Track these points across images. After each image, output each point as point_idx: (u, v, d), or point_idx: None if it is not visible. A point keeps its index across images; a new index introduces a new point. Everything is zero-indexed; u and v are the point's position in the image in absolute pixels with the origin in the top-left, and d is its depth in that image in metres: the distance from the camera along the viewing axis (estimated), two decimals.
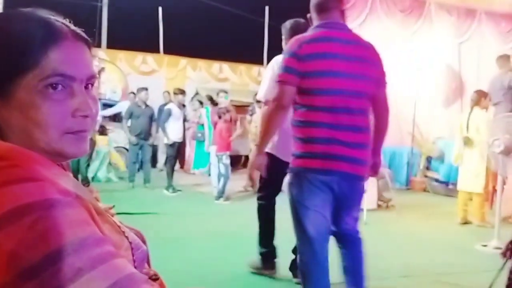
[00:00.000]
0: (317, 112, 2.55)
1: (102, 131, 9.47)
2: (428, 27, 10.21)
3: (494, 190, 6.81)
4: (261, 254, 4.00)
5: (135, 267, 0.82)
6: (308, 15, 2.85)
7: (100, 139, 9.22)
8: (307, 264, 2.73)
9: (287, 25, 3.73)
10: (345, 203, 2.68)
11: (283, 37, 3.75)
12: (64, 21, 0.86)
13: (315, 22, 2.71)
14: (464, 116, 6.77)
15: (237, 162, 11.55)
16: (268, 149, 3.12)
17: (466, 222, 6.49)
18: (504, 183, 5.59)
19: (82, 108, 0.84)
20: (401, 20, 10.11)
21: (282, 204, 3.32)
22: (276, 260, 4.02)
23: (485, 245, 5.17)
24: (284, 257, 3.91)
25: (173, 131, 8.52)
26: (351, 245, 2.85)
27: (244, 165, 11.49)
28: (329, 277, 2.73)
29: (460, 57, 10.47)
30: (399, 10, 10.18)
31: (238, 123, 9.13)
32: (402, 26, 10.12)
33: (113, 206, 1.17)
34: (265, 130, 2.76)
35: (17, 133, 0.81)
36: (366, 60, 2.65)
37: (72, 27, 0.86)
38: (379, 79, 2.72)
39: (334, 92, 2.54)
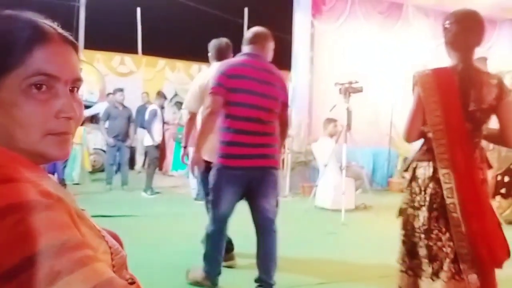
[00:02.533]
0: (238, 121, 3.26)
1: None
2: (406, 29, 10.34)
3: None
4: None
5: (114, 272, 0.82)
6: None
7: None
8: (213, 233, 3.46)
9: (212, 43, 4.42)
10: (259, 190, 3.35)
11: (209, 53, 4.42)
12: (52, 24, 0.86)
13: (244, 50, 3.47)
14: None
15: None
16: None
17: None
18: None
19: (65, 109, 0.83)
20: (379, 22, 10.22)
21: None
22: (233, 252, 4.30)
23: None
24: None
25: (157, 132, 8.48)
26: (265, 234, 3.42)
27: None
28: (224, 243, 3.55)
29: (438, 58, 10.61)
30: (378, 12, 10.30)
31: None
32: (381, 28, 10.22)
33: (83, 209, 1.15)
34: (201, 132, 3.41)
35: None
36: (275, 85, 3.40)
37: (60, 30, 0.86)
38: (284, 102, 3.49)
39: (249, 106, 3.26)
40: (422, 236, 2.50)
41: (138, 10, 14.95)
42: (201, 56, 13.95)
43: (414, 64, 10.10)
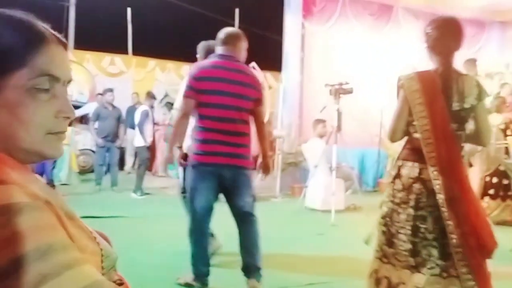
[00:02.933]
0: (209, 120, 3.42)
1: None
2: (396, 31, 10.39)
3: None
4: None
5: (103, 274, 0.82)
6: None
7: None
8: (194, 230, 3.58)
9: (200, 45, 4.54)
10: (233, 188, 3.50)
11: (197, 55, 4.50)
12: (44, 25, 0.87)
13: (217, 51, 3.59)
14: None
15: None
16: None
17: None
18: None
19: (64, 109, 0.86)
20: (370, 24, 10.26)
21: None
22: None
23: None
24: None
25: (148, 133, 8.45)
26: (245, 224, 3.57)
27: None
28: (208, 241, 3.68)
29: (427, 60, 10.67)
30: (368, 14, 10.34)
31: None
32: (371, 30, 10.26)
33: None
34: (174, 132, 3.65)
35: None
36: (246, 84, 3.50)
37: (52, 31, 0.88)
38: (257, 100, 3.56)
39: (219, 106, 3.41)
40: (404, 231, 2.62)
41: (129, 10, 14.89)
42: (191, 57, 13.90)
43: (404, 65, 10.17)
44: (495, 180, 6.73)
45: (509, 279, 4.35)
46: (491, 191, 6.81)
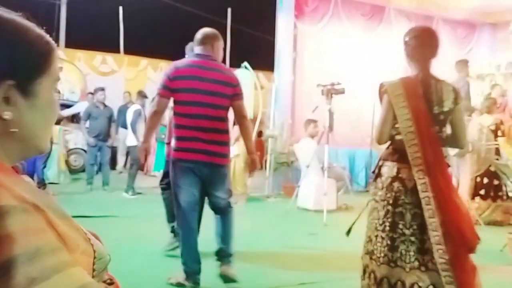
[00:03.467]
0: (185, 118, 3.53)
1: None
2: (388, 32, 10.43)
3: None
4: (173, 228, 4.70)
5: (94, 276, 0.82)
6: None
7: None
8: (181, 227, 3.68)
9: (188, 46, 4.71)
10: (210, 184, 3.63)
11: (186, 56, 4.59)
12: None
13: (195, 51, 3.74)
14: None
15: None
16: None
17: None
18: (458, 185, 5.76)
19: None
20: (362, 24, 10.29)
21: None
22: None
23: None
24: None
25: (141, 132, 8.41)
26: (221, 214, 3.73)
27: None
28: (197, 236, 3.71)
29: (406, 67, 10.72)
30: (360, 14, 10.37)
31: None
32: (363, 30, 10.29)
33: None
34: (147, 127, 3.94)
35: (17, 134, 0.83)
36: (221, 82, 3.61)
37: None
38: (234, 95, 3.64)
39: (195, 103, 3.51)
40: (383, 227, 2.79)
41: (121, 9, 14.83)
42: (183, 56, 13.92)
43: (396, 66, 10.21)
44: (485, 180, 6.78)
45: (500, 278, 4.38)
46: (482, 192, 6.85)
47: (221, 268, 3.72)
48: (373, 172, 2.96)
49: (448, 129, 2.85)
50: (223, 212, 3.73)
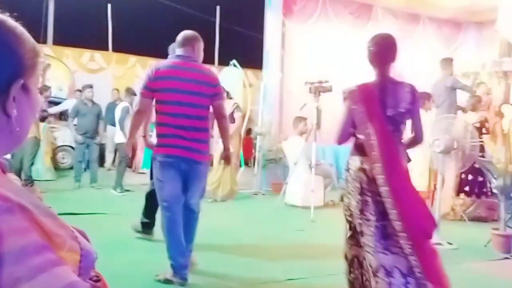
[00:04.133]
0: (167, 116, 3.72)
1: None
2: (376, 30, 10.47)
3: (435, 188, 7.08)
4: (143, 223, 5.09)
5: (80, 274, 0.81)
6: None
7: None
8: (165, 220, 3.77)
9: (170, 47, 4.77)
10: (188, 180, 3.78)
11: (169, 56, 4.67)
12: None
13: (176, 52, 3.90)
14: None
15: None
16: None
17: None
18: (443, 181, 5.84)
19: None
20: (350, 23, 10.35)
21: None
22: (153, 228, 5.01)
23: None
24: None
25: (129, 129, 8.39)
26: (188, 218, 3.84)
27: None
28: (181, 229, 3.76)
29: (405, 58, 10.79)
30: (348, 13, 10.43)
31: None
32: (351, 28, 10.35)
33: (49, 207, 1.14)
34: (131, 125, 4.05)
35: (9, 129, 0.85)
36: (202, 82, 3.78)
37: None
38: (214, 95, 3.81)
39: (175, 103, 3.68)
40: (355, 214, 3.08)
41: (109, 6, 14.75)
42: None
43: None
44: (470, 177, 6.87)
45: (484, 273, 4.46)
46: (467, 188, 6.95)
47: None
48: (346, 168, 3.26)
49: (406, 128, 3.18)
50: (190, 217, 3.88)
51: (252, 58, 12.22)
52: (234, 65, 9.92)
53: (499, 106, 8.86)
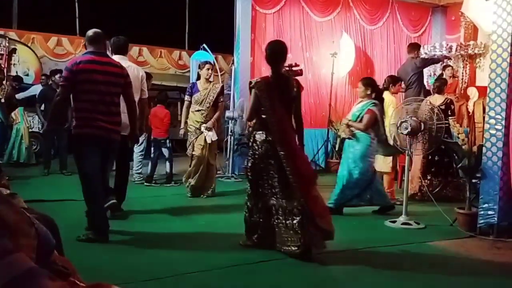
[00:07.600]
0: (86, 103, 4.44)
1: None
2: (345, 14, 10.55)
3: (402, 170, 7.22)
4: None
5: (38, 260, 0.81)
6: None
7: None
8: (87, 192, 4.50)
9: (111, 41, 5.54)
10: (104, 156, 4.53)
11: (109, 49, 5.36)
12: None
13: (88, 49, 4.62)
14: None
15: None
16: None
17: None
18: (410, 163, 5.96)
19: None
20: (320, 7, 10.36)
21: None
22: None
23: (394, 221, 5.50)
24: None
25: None
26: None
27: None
28: (102, 198, 4.67)
29: (373, 43, 10.92)
30: None
31: None
32: (322, 13, 10.36)
33: (15, 193, 1.12)
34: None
35: None
36: (115, 73, 4.58)
37: None
38: (124, 84, 4.64)
39: (94, 92, 4.41)
40: (266, 174, 4.22)
41: None
42: (140, 38, 13.72)
43: (353, 47, 10.39)
44: (436, 158, 7.04)
45: (450, 251, 4.60)
46: (433, 169, 7.12)
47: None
48: (248, 140, 4.48)
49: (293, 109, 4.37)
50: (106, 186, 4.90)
51: (222, 43, 12.17)
52: (204, 48, 9.87)
53: (465, 89, 9.08)
